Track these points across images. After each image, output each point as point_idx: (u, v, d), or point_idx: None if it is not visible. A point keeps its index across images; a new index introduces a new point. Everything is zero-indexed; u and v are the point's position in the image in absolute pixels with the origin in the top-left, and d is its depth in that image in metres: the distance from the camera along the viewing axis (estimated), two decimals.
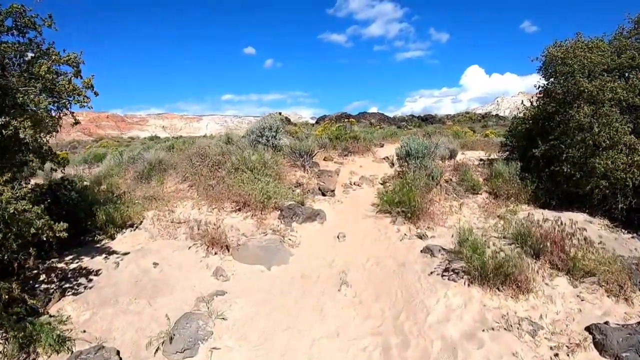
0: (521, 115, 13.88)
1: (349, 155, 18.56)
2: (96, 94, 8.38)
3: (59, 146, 64.82)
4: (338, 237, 10.30)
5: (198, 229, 10.00)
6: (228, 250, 9.24)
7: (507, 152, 14.77)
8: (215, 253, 9.24)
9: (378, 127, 40.16)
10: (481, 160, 16.82)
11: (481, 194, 12.71)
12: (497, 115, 69.41)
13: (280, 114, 25.41)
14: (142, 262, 9.01)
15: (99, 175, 16.76)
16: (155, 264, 8.88)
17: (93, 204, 10.89)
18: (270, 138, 16.01)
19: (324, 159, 17.26)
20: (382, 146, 23.92)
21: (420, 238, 9.84)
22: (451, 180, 13.38)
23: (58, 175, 12.41)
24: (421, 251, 9.11)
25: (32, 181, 12.08)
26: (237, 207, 11.30)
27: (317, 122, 50.35)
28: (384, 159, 18.66)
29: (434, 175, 12.61)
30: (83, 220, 10.06)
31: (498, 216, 10.85)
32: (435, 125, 53.03)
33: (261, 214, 11.02)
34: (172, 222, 10.90)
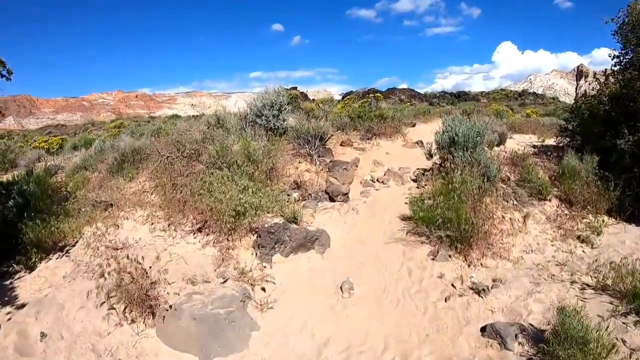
0: (593, 92, 10.89)
1: (374, 139, 14.64)
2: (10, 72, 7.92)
3: (78, 127, 62.63)
4: (342, 288, 6.51)
5: (119, 272, 6.30)
6: (153, 317, 5.58)
7: (568, 139, 11.66)
8: (133, 321, 5.67)
9: (408, 103, 35.98)
10: (534, 147, 13.17)
11: (549, 199, 9.10)
12: (534, 93, 64.10)
13: (295, 88, 21.63)
14: (32, 328, 5.91)
15: (75, 167, 13.53)
16: (43, 336, 5.61)
17: (39, 212, 8.66)
18: (270, 118, 12.21)
19: (341, 144, 13.41)
20: (413, 126, 20.07)
21: (478, 293, 6.11)
22: (509, 178, 9.46)
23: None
24: (483, 333, 5.38)
25: None
26: (198, 226, 7.60)
27: (342, 99, 46.25)
28: (417, 143, 14.75)
29: (490, 174, 8.68)
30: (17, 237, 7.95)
31: (578, 237, 7.81)
32: (469, 102, 48.50)
33: (228, 239, 7.33)
34: (108, 247, 7.40)
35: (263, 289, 6.45)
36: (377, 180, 10.63)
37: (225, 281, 6.40)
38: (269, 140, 11.19)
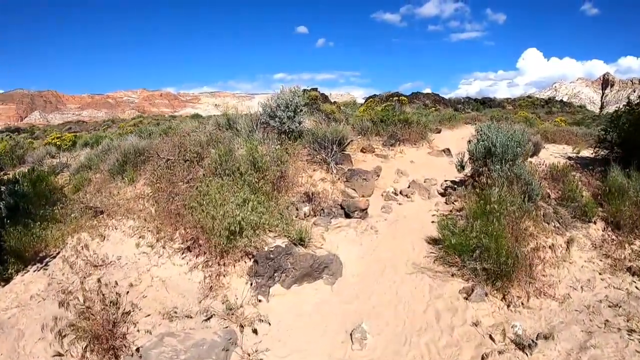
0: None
1: (397, 145, 13.43)
2: None
3: (98, 124, 62.39)
4: (353, 336, 5.24)
5: (86, 300, 5.22)
6: None
7: (607, 151, 10.95)
8: None
9: (433, 108, 34.53)
10: (570, 158, 12.06)
11: (594, 222, 7.81)
12: (561, 100, 61.96)
13: (315, 89, 20.43)
14: None
15: (80, 166, 12.84)
16: None
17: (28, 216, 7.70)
18: (285, 120, 11.09)
19: (361, 150, 12.23)
20: (439, 132, 18.83)
21: (523, 349, 4.89)
22: (549, 196, 8.19)
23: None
24: None
25: None
26: (188, 244, 6.47)
27: (365, 102, 44.93)
28: (443, 151, 13.54)
29: (532, 192, 7.43)
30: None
31: (629, 269, 6.63)
32: (494, 109, 46.81)
33: (219, 263, 6.18)
34: (87, 262, 6.40)
35: (254, 331, 5.25)
36: (401, 192, 9.40)
37: (209, 318, 5.26)
38: (282, 144, 10.10)
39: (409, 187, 9.69)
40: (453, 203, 8.43)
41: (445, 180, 10.07)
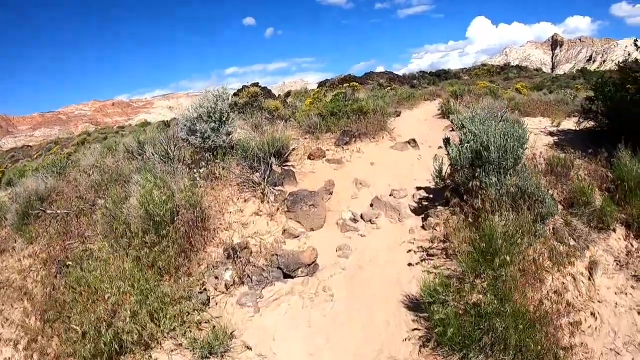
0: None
1: (353, 142, 11.02)
2: None
3: (42, 147, 58.31)
4: None
5: None
6: None
7: (593, 122, 9.82)
8: None
9: (388, 88, 32.25)
10: (552, 134, 10.44)
11: (613, 229, 5.73)
12: (517, 65, 60.46)
13: (256, 84, 17.74)
14: None
15: None
16: None
17: None
18: (208, 134, 8.56)
19: (309, 157, 9.76)
20: (398, 115, 16.64)
21: None
22: (554, 200, 5.92)
23: None
24: None
25: None
26: None
27: (318, 87, 42.38)
28: (408, 142, 11.21)
29: (545, 212, 5.16)
30: None
31: None
32: (450, 80, 45.04)
33: None
34: None
35: None
36: (362, 217, 6.97)
37: None
38: (206, 167, 7.63)
39: (372, 206, 7.28)
40: (433, 228, 6.08)
41: (418, 189, 7.75)
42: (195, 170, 7.88)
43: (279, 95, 18.70)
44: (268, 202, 7.02)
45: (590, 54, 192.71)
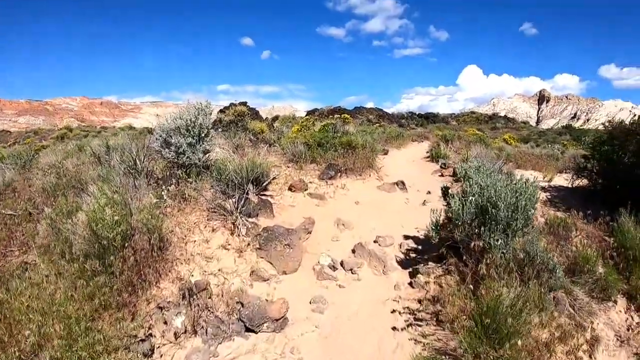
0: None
1: (338, 177, 10.31)
2: None
3: (20, 135, 56.65)
4: None
5: None
6: None
7: (587, 180, 9.70)
8: None
9: (377, 125, 31.90)
10: (545, 190, 10.03)
11: (614, 300, 5.32)
12: (505, 116, 60.86)
13: (244, 104, 17.01)
14: None
15: None
16: None
17: None
18: (184, 148, 7.77)
19: (289, 188, 8.97)
20: (386, 153, 16.27)
21: None
22: (554, 267, 5.24)
23: None
24: None
25: None
26: None
27: (302, 119, 41.84)
28: (396, 184, 10.55)
29: (555, 284, 4.50)
30: None
31: None
32: (438, 124, 45.12)
33: None
34: None
35: None
36: (342, 265, 6.15)
37: None
38: (169, 190, 6.80)
39: (354, 252, 6.49)
40: (423, 287, 5.32)
41: (406, 238, 7.02)
42: (164, 187, 7.07)
43: (266, 118, 17.99)
44: (239, 235, 6.18)
45: (575, 111, 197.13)
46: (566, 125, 55.08)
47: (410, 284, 5.57)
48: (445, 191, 6.03)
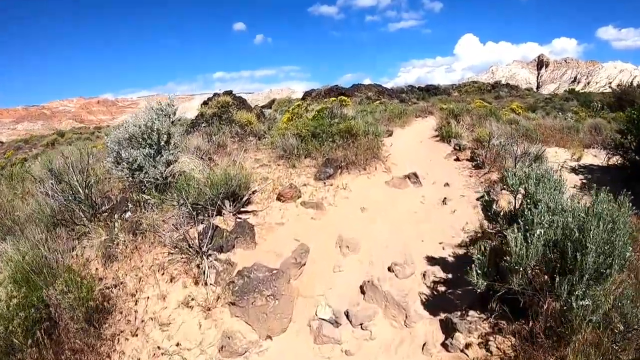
0: None
1: (338, 174, 8.58)
2: None
3: (10, 145, 55.01)
4: None
5: None
6: None
7: (622, 158, 8.72)
8: None
9: (378, 102, 29.94)
10: (575, 171, 9.22)
11: None
12: (508, 84, 58.53)
13: (229, 93, 15.18)
14: None
15: None
16: None
17: None
18: (140, 163, 6.05)
19: (279, 197, 7.18)
20: (390, 134, 14.31)
21: None
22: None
23: None
24: None
25: None
26: None
27: (303, 99, 39.78)
28: (408, 177, 8.85)
29: None
30: None
31: None
32: (440, 96, 43.00)
33: None
34: None
35: None
36: (348, 317, 4.37)
37: None
38: (125, 220, 5.13)
39: (363, 293, 4.70)
40: (463, 352, 3.63)
41: (430, 261, 5.28)
42: (116, 217, 5.38)
43: (256, 106, 16.12)
44: (205, 284, 4.48)
45: (575, 75, 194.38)
46: (570, 90, 52.96)
47: (445, 345, 3.86)
48: (487, 206, 4.29)
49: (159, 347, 3.79)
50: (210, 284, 4.46)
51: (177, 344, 3.84)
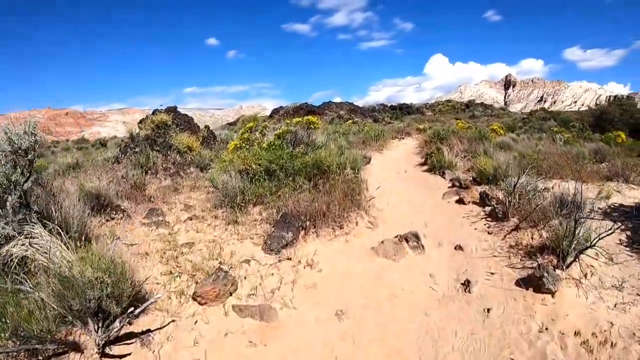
0: None
1: (301, 239, 5.56)
2: None
3: None
4: None
5: None
6: None
7: None
8: None
9: (350, 121, 27.08)
10: (609, 217, 6.45)
11: None
12: (482, 103, 56.58)
13: (173, 110, 11.86)
14: None
15: None
16: None
17: None
18: None
19: (195, 297, 4.04)
20: (368, 162, 11.67)
21: None
22: None
23: None
24: None
25: None
26: None
27: (270, 116, 36.67)
28: (406, 239, 5.91)
29: None
30: None
31: None
32: (414, 116, 40.66)
33: None
34: None
35: None
36: None
37: None
38: None
39: None
40: None
41: None
42: None
43: (205, 127, 12.94)
44: None
45: (542, 94, 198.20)
46: (543, 109, 51.46)
47: None
48: None
49: None
50: None
51: None
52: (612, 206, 7.22)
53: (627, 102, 26.66)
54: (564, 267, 4.61)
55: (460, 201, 8.05)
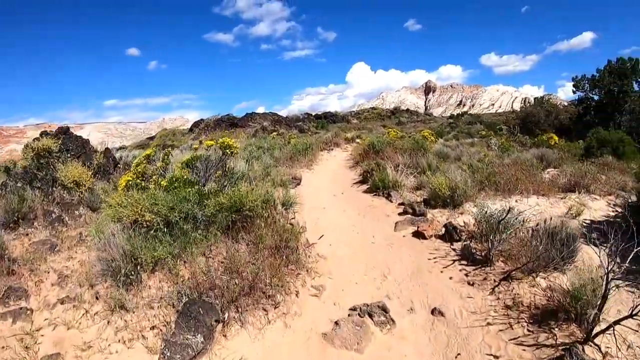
0: None
1: (212, 338, 3.68)
2: None
3: None
4: None
5: None
6: None
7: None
8: None
9: (275, 132, 25.22)
10: (586, 238, 4.84)
11: None
12: (408, 110, 56.59)
13: (62, 131, 9.13)
14: None
15: None
16: None
17: None
18: None
19: None
20: (298, 184, 10.37)
21: None
22: None
23: None
24: None
25: None
26: None
27: (190, 130, 34.15)
28: (369, 313, 4.30)
29: None
30: None
31: None
32: (339, 124, 39.44)
33: None
34: None
35: None
36: None
37: None
38: None
39: None
40: None
41: None
42: None
43: (106, 149, 10.59)
44: None
45: (461, 99, 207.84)
46: (464, 113, 52.23)
47: None
48: None
49: None
50: None
51: None
52: (586, 223, 6.27)
53: (549, 103, 26.83)
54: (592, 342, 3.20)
55: (418, 234, 6.46)
